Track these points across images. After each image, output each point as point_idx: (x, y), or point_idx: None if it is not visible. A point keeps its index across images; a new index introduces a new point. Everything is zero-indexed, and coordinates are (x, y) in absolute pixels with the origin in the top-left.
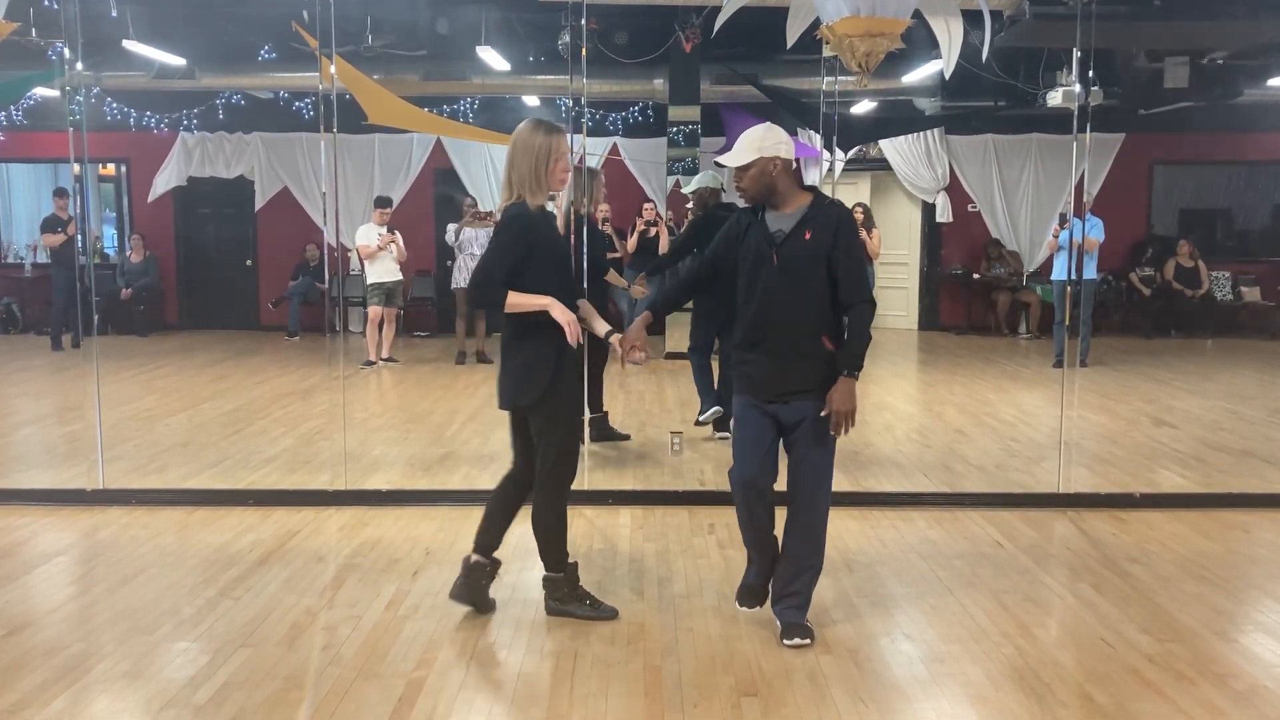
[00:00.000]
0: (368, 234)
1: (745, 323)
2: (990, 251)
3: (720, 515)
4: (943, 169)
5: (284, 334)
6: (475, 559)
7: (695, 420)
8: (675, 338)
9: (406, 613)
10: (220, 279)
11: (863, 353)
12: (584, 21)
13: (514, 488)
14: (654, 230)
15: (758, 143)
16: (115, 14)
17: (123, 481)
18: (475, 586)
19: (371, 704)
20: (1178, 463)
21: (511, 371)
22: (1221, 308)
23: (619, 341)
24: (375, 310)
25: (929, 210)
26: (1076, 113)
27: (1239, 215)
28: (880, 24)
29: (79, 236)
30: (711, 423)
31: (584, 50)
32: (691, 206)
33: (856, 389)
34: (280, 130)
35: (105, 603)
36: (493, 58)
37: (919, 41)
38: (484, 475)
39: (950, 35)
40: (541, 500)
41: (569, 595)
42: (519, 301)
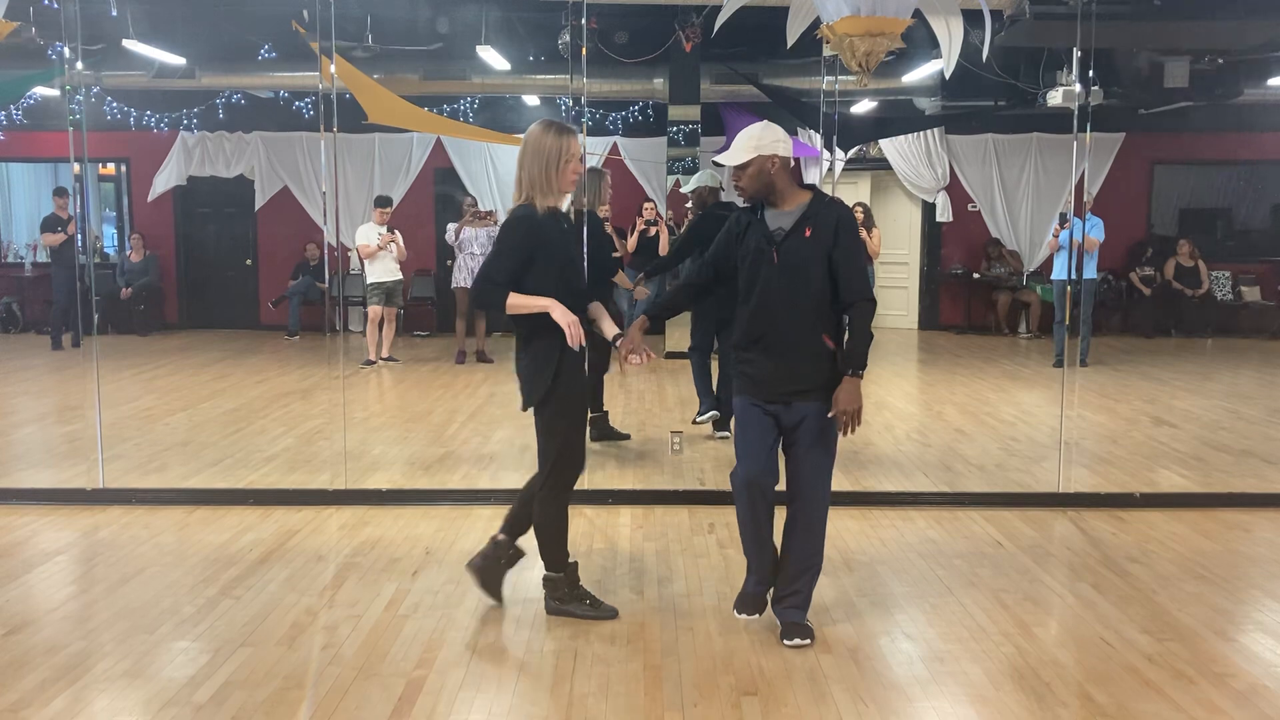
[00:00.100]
0: (368, 233)
1: (745, 321)
2: (990, 251)
3: (720, 515)
4: (943, 168)
5: (284, 333)
6: (501, 537)
7: (692, 420)
8: (675, 338)
9: (406, 612)
10: (220, 278)
11: (865, 352)
12: (584, 21)
13: None
14: (654, 230)
15: (755, 141)
16: (115, 14)
17: (123, 481)
18: (492, 564)
19: (372, 703)
20: (1178, 462)
21: (520, 372)
22: (1221, 307)
23: (618, 345)
24: (375, 310)
25: (929, 210)
26: (1076, 112)
27: (1239, 215)
28: (880, 23)
29: (79, 236)
30: (711, 422)
31: (584, 50)
32: (690, 206)
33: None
34: (280, 129)
35: (105, 602)
36: (493, 57)
37: (919, 41)
38: (484, 475)
39: (950, 35)
40: (542, 500)
41: (569, 595)
42: (520, 303)
